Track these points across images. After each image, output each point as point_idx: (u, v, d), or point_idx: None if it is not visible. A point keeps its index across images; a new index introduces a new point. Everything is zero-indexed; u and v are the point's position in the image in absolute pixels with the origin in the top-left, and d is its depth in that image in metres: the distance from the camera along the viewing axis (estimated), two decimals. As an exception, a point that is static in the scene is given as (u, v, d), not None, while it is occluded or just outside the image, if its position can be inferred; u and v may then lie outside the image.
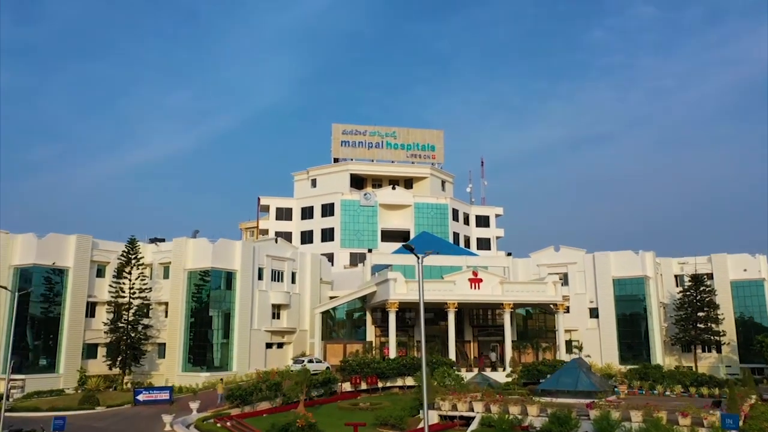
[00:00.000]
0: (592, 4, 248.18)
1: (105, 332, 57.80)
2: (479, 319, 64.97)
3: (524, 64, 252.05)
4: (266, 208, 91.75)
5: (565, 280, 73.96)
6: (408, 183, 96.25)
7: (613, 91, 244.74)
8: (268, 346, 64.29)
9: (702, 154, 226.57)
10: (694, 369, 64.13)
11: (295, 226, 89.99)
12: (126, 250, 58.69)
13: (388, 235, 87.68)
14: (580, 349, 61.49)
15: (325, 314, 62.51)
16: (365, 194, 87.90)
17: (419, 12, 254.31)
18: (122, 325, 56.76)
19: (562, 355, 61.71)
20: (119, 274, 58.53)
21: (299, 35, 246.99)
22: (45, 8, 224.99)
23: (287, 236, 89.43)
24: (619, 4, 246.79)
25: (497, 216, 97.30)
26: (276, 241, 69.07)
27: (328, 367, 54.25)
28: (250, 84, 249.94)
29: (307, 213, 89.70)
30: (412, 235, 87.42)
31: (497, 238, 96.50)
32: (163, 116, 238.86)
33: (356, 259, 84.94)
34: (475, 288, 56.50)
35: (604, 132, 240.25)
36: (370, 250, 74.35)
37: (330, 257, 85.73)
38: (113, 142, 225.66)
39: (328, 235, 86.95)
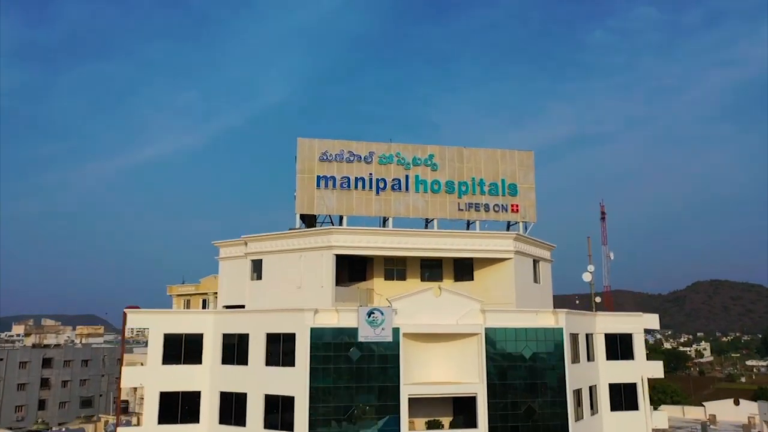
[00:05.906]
0: (594, 6, 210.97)
1: None
2: None
3: (527, 65, 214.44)
4: (143, 334, 40.41)
5: None
6: (464, 269, 44.48)
7: (615, 92, 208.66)
8: None
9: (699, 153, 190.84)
10: None
11: (209, 384, 38.54)
12: None
13: (426, 407, 36.78)
14: None
15: None
16: (370, 312, 36.34)
17: (424, 14, 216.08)
18: None
19: None
20: None
21: (306, 37, 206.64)
22: (57, 10, 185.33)
23: (191, 413, 38.37)
24: (621, 6, 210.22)
25: (647, 332, 45.67)
26: None
27: None
28: (255, 84, 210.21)
29: (233, 353, 38.20)
30: (481, 405, 36.50)
31: (649, 381, 45.00)
32: (169, 116, 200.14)
33: (350, 482, 34.14)
34: None
35: (605, 131, 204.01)
36: None
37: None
38: (121, 140, 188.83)
39: (282, 419, 35.58)
